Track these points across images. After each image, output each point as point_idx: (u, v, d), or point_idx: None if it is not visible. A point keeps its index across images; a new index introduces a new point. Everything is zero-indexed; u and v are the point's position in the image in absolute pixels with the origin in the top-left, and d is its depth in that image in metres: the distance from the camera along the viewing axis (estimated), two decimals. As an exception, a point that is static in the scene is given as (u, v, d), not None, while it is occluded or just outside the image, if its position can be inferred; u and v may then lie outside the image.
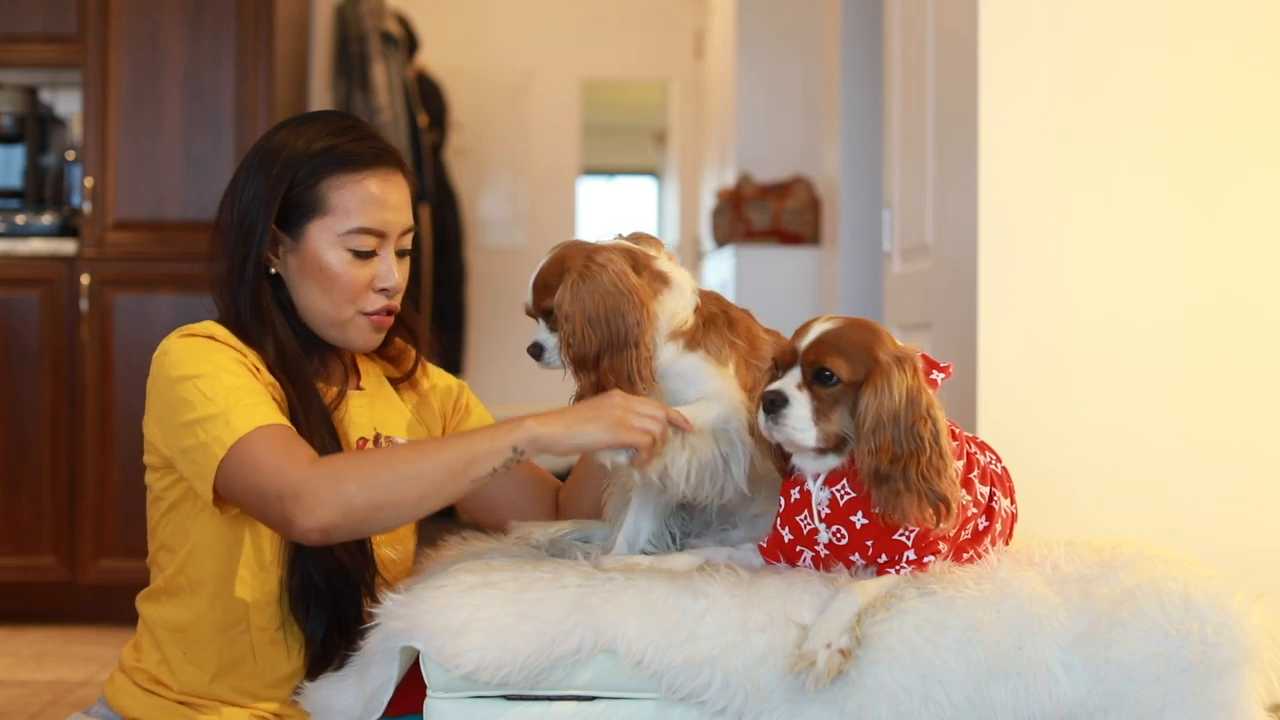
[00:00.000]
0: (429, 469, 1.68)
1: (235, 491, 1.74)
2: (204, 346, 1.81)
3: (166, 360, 1.80)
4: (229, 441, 1.71)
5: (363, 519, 1.68)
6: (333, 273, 1.86)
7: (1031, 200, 2.58)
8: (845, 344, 1.65)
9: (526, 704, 1.62)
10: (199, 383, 1.75)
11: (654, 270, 1.75)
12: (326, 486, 1.66)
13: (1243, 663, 1.57)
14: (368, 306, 1.89)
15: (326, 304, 1.88)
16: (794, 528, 1.71)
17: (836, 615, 1.59)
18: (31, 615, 4.11)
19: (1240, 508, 2.56)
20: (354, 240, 1.86)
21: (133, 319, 4.07)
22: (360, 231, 1.86)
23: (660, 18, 7.46)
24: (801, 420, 1.64)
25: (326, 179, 1.85)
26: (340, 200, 1.85)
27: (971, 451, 1.74)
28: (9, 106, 4.33)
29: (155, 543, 1.90)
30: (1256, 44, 2.58)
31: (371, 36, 4.90)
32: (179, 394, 1.76)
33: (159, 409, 1.81)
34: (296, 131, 1.88)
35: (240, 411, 1.73)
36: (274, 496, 1.68)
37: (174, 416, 1.77)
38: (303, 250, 1.87)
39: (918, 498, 1.59)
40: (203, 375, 1.76)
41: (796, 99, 5.26)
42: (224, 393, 1.74)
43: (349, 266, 1.86)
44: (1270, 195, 2.58)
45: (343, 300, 1.88)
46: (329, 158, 1.85)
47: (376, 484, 1.67)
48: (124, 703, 1.88)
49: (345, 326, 1.90)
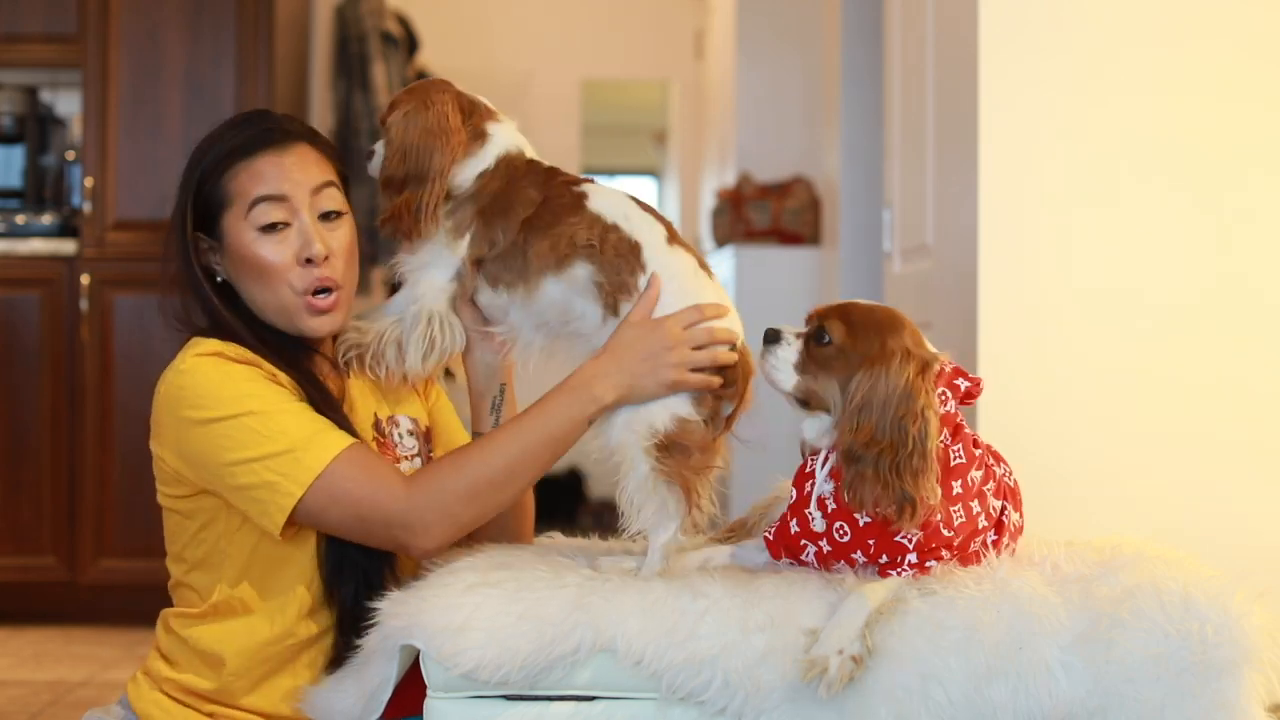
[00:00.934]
0: (520, 464, 1.76)
1: (325, 523, 1.77)
2: (219, 372, 1.79)
3: (186, 393, 1.79)
4: (307, 480, 1.73)
5: (471, 524, 1.76)
6: (254, 258, 1.86)
7: (1032, 200, 2.58)
8: (858, 318, 1.67)
9: (526, 704, 1.62)
10: (248, 421, 1.75)
11: (479, 128, 1.84)
12: (433, 510, 1.73)
13: (1243, 663, 1.56)
14: (300, 285, 1.86)
15: (266, 293, 1.87)
16: (801, 520, 1.71)
17: (848, 621, 1.58)
18: (31, 615, 4.11)
19: (1241, 508, 2.56)
20: (257, 215, 1.86)
21: (133, 319, 4.06)
22: (258, 201, 1.86)
23: (660, 18, 7.46)
24: (783, 363, 1.69)
25: (225, 173, 1.87)
26: (238, 186, 1.87)
27: (990, 464, 1.74)
28: (9, 106, 4.33)
29: (184, 564, 1.88)
30: (1255, 44, 2.58)
31: (371, 36, 4.90)
32: (221, 432, 1.76)
33: (188, 445, 1.79)
34: (207, 138, 1.91)
35: (310, 447, 1.74)
36: (380, 525, 1.75)
37: (217, 455, 1.76)
38: (227, 249, 1.88)
39: (883, 488, 1.59)
40: (250, 412, 1.76)
41: (796, 99, 5.26)
42: (281, 428, 1.75)
43: (265, 244, 1.85)
44: (1270, 196, 2.58)
45: (277, 283, 1.86)
46: (223, 152, 1.88)
47: (477, 491, 1.74)
48: (150, 710, 1.86)
49: (289, 312, 1.88)
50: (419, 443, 1.99)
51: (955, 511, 1.66)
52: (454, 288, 1.86)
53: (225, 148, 1.88)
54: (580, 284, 1.78)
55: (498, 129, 1.86)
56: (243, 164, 1.87)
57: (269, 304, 1.88)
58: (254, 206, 1.86)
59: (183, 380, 1.80)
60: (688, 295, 1.77)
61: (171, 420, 1.81)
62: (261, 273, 1.86)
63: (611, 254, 1.77)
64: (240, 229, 1.86)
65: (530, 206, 1.80)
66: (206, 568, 1.86)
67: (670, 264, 1.78)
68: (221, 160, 1.88)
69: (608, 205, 1.80)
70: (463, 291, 1.86)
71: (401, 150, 1.81)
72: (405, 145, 1.81)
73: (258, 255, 1.86)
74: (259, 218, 1.86)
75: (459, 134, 1.82)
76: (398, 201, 1.81)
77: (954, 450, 1.67)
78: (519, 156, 1.86)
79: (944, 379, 1.68)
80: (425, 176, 1.79)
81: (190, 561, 1.87)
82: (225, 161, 1.87)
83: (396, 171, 1.81)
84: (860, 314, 1.68)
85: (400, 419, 1.99)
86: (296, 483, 1.73)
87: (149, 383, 1.89)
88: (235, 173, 1.87)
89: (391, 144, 1.83)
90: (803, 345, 1.70)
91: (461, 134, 1.82)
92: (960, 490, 1.67)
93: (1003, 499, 1.75)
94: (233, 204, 1.87)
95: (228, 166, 1.87)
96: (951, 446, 1.67)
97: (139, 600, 3.48)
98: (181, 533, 1.87)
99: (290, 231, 1.86)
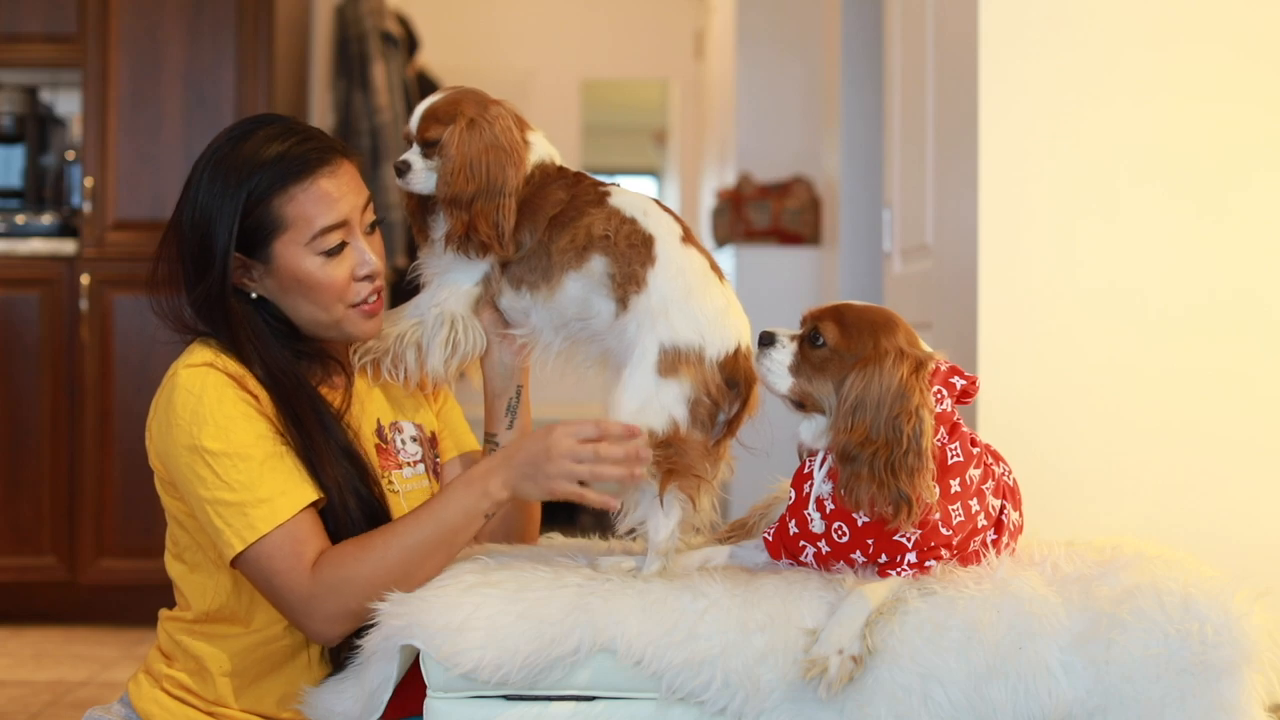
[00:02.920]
0: (418, 555, 1.75)
1: (250, 578, 1.80)
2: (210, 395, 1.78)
3: (175, 409, 1.79)
4: (249, 538, 1.76)
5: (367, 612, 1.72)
6: (312, 281, 1.86)
7: (1031, 200, 2.58)
8: (851, 319, 1.67)
9: (526, 704, 1.62)
10: (214, 462, 1.76)
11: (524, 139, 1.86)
12: (330, 602, 1.74)
13: (1243, 663, 1.56)
14: (355, 298, 1.89)
15: (316, 311, 1.88)
16: (800, 521, 1.71)
17: (848, 620, 1.58)
18: (31, 615, 4.11)
19: (1242, 508, 2.56)
20: (321, 243, 1.85)
21: (133, 319, 4.06)
22: (324, 232, 1.85)
23: (660, 18, 7.47)
24: (778, 365, 1.69)
25: (277, 196, 1.84)
26: (297, 211, 1.85)
27: (989, 463, 1.74)
28: (9, 106, 4.33)
29: (181, 564, 1.89)
30: (1253, 45, 2.58)
31: (371, 36, 4.89)
32: (194, 465, 1.77)
33: (170, 460, 1.81)
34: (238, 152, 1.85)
35: (259, 507, 1.76)
36: (285, 605, 1.78)
37: (190, 485, 1.79)
38: (277, 270, 1.86)
39: (878, 487, 1.59)
40: (220, 454, 1.76)
41: (796, 99, 5.26)
42: (241, 479, 1.76)
43: (325, 269, 1.86)
44: (1270, 196, 2.58)
45: (331, 302, 1.87)
46: (275, 173, 1.84)
47: (375, 585, 1.72)
48: (150, 708, 1.87)
49: (340, 324, 1.90)
50: (423, 449, 2.00)
51: (954, 510, 1.66)
52: (478, 292, 1.88)
53: (275, 170, 1.84)
54: (596, 278, 1.80)
55: (535, 139, 1.89)
56: (297, 188, 1.84)
57: (316, 319, 1.88)
58: (320, 235, 1.85)
59: (174, 394, 1.80)
60: (693, 292, 1.77)
61: (158, 429, 1.82)
62: (318, 293, 1.86)
63: (624, 245, 1.78)
64: (298, 254, 1.85)
65: (558, 206, 1.83)
66: (200, 572, 1.87)
67: (680, 261, 1.79)
68: (274, 183, 1.84)
69: (628, 202, 1.83)
70: (487, 295, 1.87)
71: (468, 167, 1.81)
72: (471, 162, 1.81)
73: (318, 279, 1.86)
74: (322, 245, 1.85)
75: (523, 148, 1.85)
76: (468, 219, 1.81)
77: (951, 448, 1.67)
78: (551, 164, 1.89)
79: (939, 377, 1.68)
80: (496, 191, 1.80)
81: (189, 563, 1.88)
82: (278, 184, 1.84)
83: (464, 190, 1.81)
84: (853, 315, 1.68)
85: (404, 425, 1.99)
86: (239, 538, 1.76)
87: (149, 383, 1.90)
88: (290, 197, 1.84)
89: (452, 160, 1.82)
90: (797, 348, 1.69)
91: (525, 148, 1.85)
92: (958, 488, 1.66)
93: (1002, 498, 1.75)
94: (289, 229, 1.85)
95: (280, 190, 1.84)
96: (948, 445, 1.67)
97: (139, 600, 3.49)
98: (181, 535, 1.88)
99: (347, 251, 1.88)
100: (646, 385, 1.73)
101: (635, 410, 1.73)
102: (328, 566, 1.75)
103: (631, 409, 1.73)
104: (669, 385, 1.73)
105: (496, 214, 1.81)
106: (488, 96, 1.88)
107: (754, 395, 1.79)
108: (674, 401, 1.73)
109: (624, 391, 1.74)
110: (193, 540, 1.86)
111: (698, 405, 1.74)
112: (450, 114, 1.84)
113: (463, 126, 1.82)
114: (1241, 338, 2.57)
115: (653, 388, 1.73)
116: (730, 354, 1.76)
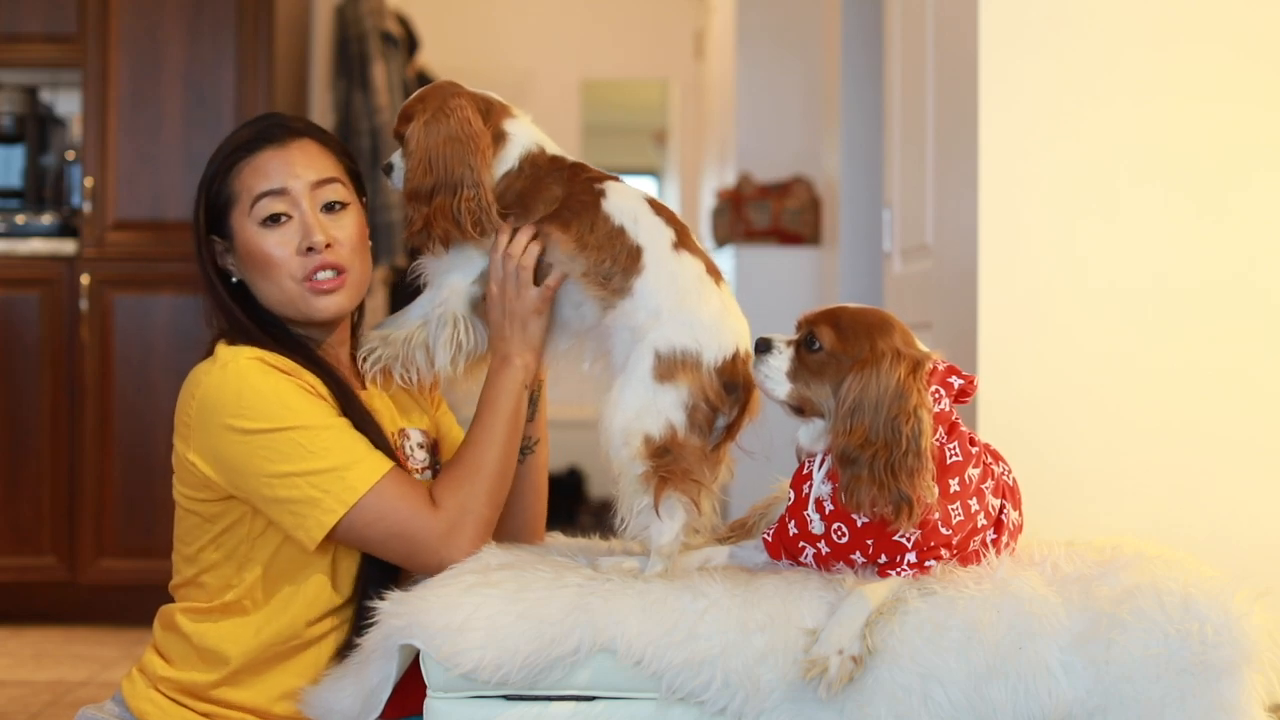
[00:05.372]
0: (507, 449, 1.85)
1: (365, 540, 1.81)
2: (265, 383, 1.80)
3: (228, 400, 1.79)
4: (351, 499, 1.77)
5: (495, 522, 1.85)
6: (258, 251, 1.88)
7: (1032, 200, 2.58)
8: (847, 322, 1.67)
9: (526, 704, 1.62)
10: (294, 435, 1.77)
11: (497, 129, 1.85)
12: (468, 518, 1.81)
13: (1243, 663, 1.57)
14: (301, 271, 1.88)
15: (273, 288, 1.89)
16: (800, 522, 1.71)
17: (848, 620, 1.58)
18: (31, 615, 4.11)
19: (1242, 508, 2.56)
20: (260, 209, 1.88)
21: (133, 319, 4.06)
22: (261, 197, 1.88)
23: (660, 18, 7.46)
24: (776, 371, 1.69)
25: (230, 172, 1.90)
26: (242, 183, 1.89)
27: (988, 462, 1.74)
28: (9, 106, 4.33)
29: (197, 565, 1.88)
30: (1253, 45, 2.58)
31: (371, 36, 4.89)
32: (264, 443, 1.77)
33: (225, 451, 1.80)
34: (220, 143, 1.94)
35: (355, 466, 1.78)
36: (420, 546, 1.80)
37: (258, 465, 1.78)
38: (237, 248, 1.90)
39: (879, 489, 1.59)
40: (296, 426, 1.78)
41: (796, 99, 5.26)
42: (326, 445, 1.78)
43: (269, 238, 1.88)
44: (1270, 195, 2.58)
45: (281, 275, 1.88)
46: (227, 151, 1.91)
47: (493, 488, 1.83)
48: (145, 707, 1.87)
49: (295, 302, 1.90)
50: (428, 455, 2.01)
51: (953, 509, 1.66)
52: (475, 290, 1.89)
53: (229, 147, 1.91)
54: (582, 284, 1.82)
55: (516, 126, 1.87)
56: (246, 161, 1.89)
57: (274, 297, 1.90)
58: (257, 202, 1.88)
59: (225, 385, 1.80)
60: (687, 298, 1.77)
61: (208, 425, 1.81)
62: (265, 266, 1.88)
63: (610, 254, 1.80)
64: (245, 225, 1.89)
65: (553, 204, 1.83)
66: (222, 569, 1.87)
67: (671, 269, 1.78)
68: (226, 159, 1.90)
69: (620, 206, 1.81)
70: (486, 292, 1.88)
71: (426, 160, 1.81)
72: (429, 155, 1.81)
73: (261, 248, 1.88)
74: (261, 211, 1.88)
75: (484, 137, 1.83)
76: (427, 211, 1.82)
77: (950, 448, 1.67)
78: (541, 154, 1.87)
79: (937, 377, 1.68)
80: (454, 184, 1.80)
81: (204, 564, 1.88)
82: (229, 160, 1.90)
83: (423, 183, 1.82)
84: (849, 318, 1.68)
85: (411, 432, 2.00)
86: (340, 501, 1.76)
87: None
88: (239, 170, 1.89)
89: (413, 155, 1.83)
90: (794, 353, 1.69)
91: (486, 136, 1.83)
92: (958, 488, 1.66)
93: (1001, 497, 1.75)
94: (238, 201, 1.89)
95: (232, 165, 1.90)
96: (947, 444, 1.67)
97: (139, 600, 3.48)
98: (200, 534, 1.88)
99: (292, 224, 1.88)
100: (643, 391, 1.73)
101: (632, 415, 1.72)
102: (447, 494, 1.81)
103: (628, 414, 1.73)
104: (666, 391, 1.73)
105: (457, 207, 1.80)
106: (458, 88, 1.87)
107: (754, 399, 1.79)
108: (671, 407, 1.73)
109: (620, 397, 1.74)
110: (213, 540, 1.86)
111: (695, 410, 1.74)
112: (415, 109, 1.85)
113: (424, 120, 1.82)
114: (1242, 338, 2.57)
115: (650, 393, 1.73)
116: (729, 359, 1.76)
